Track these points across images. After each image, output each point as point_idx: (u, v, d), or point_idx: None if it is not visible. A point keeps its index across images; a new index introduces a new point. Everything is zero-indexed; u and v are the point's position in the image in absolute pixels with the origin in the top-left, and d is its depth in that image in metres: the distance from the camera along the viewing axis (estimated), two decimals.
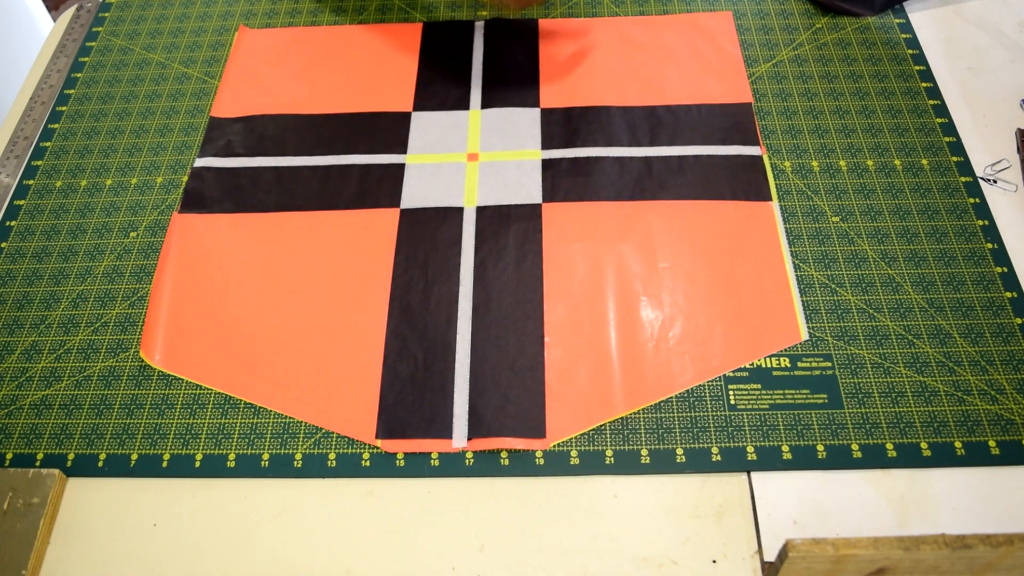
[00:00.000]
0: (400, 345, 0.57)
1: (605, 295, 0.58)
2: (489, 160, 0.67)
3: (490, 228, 0.62)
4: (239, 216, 0.64)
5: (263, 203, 0.65)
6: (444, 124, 0.69)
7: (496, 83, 0.72)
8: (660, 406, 0.54)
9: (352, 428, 0.54)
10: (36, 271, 0.63)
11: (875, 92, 0.70)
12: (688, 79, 0.71)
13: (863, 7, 0.75)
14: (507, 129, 0.69)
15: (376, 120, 0.70)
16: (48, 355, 0.59)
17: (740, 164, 0.65)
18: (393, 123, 0.70)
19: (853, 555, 0.40)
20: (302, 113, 0.71)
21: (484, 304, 0.58)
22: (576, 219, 0.62)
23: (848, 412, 0.54)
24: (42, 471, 0.53)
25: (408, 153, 0.67)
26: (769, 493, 0.51)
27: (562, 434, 0.53)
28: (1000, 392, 0.54)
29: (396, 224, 0.63)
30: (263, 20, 0.80)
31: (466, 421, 0.54)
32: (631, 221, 0.62)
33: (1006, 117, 0.68)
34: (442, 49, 0.75)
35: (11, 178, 0.70)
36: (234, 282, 0.61)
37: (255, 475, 0.53)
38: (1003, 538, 0.40)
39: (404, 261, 0.61)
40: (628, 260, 0.60)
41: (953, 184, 0.64)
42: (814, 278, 0.60)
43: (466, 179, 0.66)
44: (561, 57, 0.74)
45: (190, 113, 0.73)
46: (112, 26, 0.81)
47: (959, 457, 0.52)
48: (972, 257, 0.60)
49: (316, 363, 0.57)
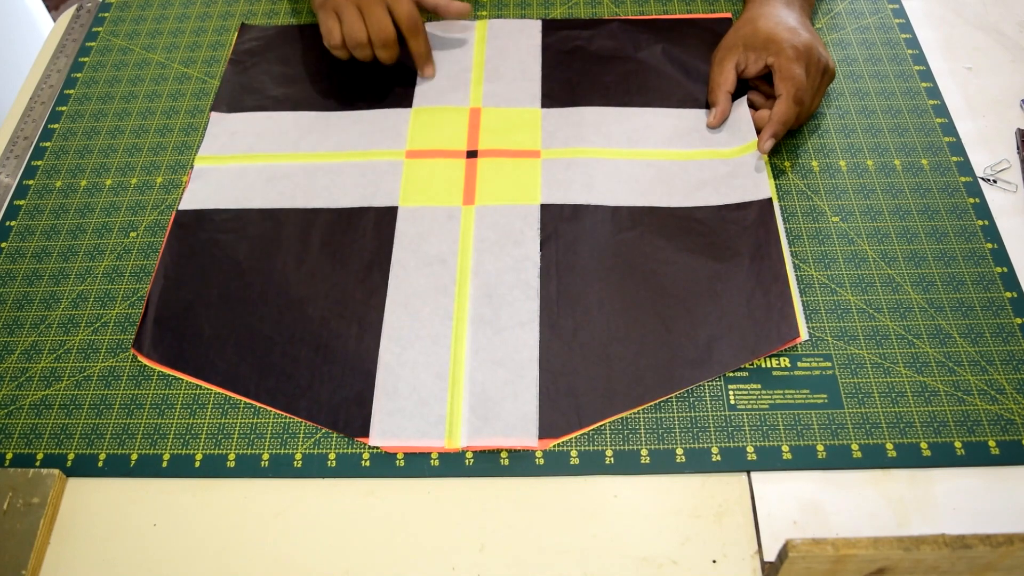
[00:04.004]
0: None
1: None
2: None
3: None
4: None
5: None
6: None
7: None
8: (660, 406, 0.54)
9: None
10: (36, 271, 0.63)
11: (875, 92, 0.70)
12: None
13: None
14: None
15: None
16: (48, 355, 0.59)
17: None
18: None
19: (853, 555, 0.40)
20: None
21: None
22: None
23: (848, 412, 0.54)
24: (42, 471, 0.53)
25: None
26: (769, 493, 0.51)
27: (562, 434, 0.53)
28: (1000, 392, 0.54)
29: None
30: (263, 20, 0.80)
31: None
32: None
33: (1006, 117, 0.68)
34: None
35: (11, 178, 0.70)
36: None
37: (255, 475, 0.53)
38: (1003, 538, 0.40)
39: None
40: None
41: (953, 184, 0.64)
42: (814, 278, 0.60)
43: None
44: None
45: (190, 113, 0.73)
46: (112, 26, 0.81)
47: (959, 457, 0.52)
48: (972, 257, 0.60)
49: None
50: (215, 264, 0.62)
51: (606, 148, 0.67)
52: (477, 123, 0.69)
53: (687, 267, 0.60)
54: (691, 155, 0.66)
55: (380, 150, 0.68)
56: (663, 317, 0.57)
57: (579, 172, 0.65)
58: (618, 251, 0.61)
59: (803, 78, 0.62)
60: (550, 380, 0.55)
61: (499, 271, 0.60)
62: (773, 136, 0.62)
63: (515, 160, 0.66)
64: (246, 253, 0.62)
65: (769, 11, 0.67)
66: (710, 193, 0.63)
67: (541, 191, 0.64)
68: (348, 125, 0.70)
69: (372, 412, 0.54)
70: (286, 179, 0.66)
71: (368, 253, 0.62)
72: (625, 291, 0.59)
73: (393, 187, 0.65)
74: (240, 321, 0.59)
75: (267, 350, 0.57)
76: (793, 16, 0.67)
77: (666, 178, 0.65)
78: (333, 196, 0.65)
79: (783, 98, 0.62)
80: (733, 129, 0.66)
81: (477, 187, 0.65)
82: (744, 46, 0.65)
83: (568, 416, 0.54)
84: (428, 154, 0.67)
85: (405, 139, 0.68)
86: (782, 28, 0.65)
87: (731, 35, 0.68)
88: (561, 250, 0.61)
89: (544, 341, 0.57)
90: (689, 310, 0.58)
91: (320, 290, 0.60)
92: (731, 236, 0.61)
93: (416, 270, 0.60)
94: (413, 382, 0.55)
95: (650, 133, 0.67)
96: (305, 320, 0.59)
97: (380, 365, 0.56)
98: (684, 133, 0.67)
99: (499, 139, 0.68)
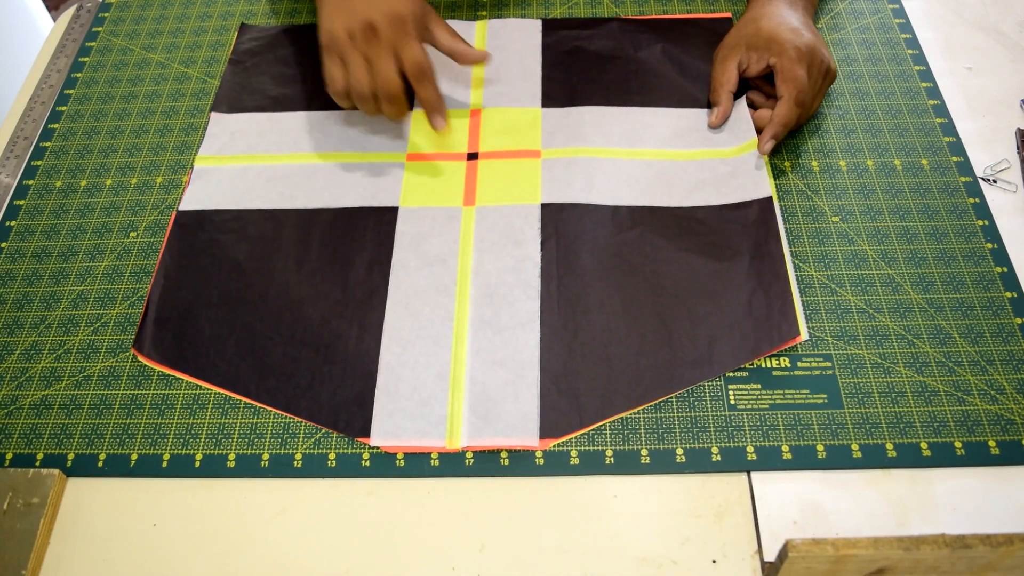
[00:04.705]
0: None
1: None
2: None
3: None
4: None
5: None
6: None
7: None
8: (660, 406, 0.54)
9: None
10: (36, 271, 0.63)
11: (875, 92, 0.70)
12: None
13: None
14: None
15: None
16: (48, 355, 0.59)
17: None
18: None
19: (853, 555, 0.40)
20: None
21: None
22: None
23: (848, 412, 0.54)
24: (42, 471, 0.53)
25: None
26: (769, 493, 0.51)
27: (563, 434, 0.53)
28: (1000, 392, 0.54)
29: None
30: (263, 20, 0.80)
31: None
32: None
33: (1006, 117, 0.68)
34: None
35: (11, 178, 0.70)
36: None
37: (255, 475, 0.53)
38: (1003, 538, 0.40)
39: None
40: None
41: (953, 184, 0.64)
42: (814, 278, 0.60)
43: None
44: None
45: (190, 113, 0.73)
46: (112, 26, 0.81)
47: (959, 457, 0.52)
48: (972, 257, 0.60)
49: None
50: (215, 264, 0.62)
51: (606, 148, 0.67)
52: (477, 124, 0.69)
53: (687, 267, 0.60)
54: (691, 155, 0.66)
55: (381, 152, 0.68)
56: (663, 317, 0.57)
57: (579, 172, 0.65)
58: (618, 251, 0.61)
59: (805, 80, 0.62)
60: (551, 380, 0.55)
61: (499, 271, 0.60)
62: (773, 137, 0.62)
63: (515, 160, 0.66)
64: (246, 253, 0.62)
65: (772, 11, 0.67)
66: (710, 193, 0.63)
67: (541, 191, 0.64)
68: (348, 126, 0.70)
69: (373, 413, 0.54)
70: (286, 179, 0.66)
71: (368, 253, 0.62)
72: (625, 291, 0.59)
73: (394, 188, 0.65)
74: (240, 321, 0.59)
75: (267, 351, 0.57)
76: (796, 16, 0.67)
77: (666, 178, 0.65)
78: (333, 196, 0.65)
79: (784, 100, 0.62)
80: (733, 129, 0.66)
81: (478, 188, 0.65)
82: (747, 46, 0.65)
83: (569, 416, 0.54)
84: (429, 157, 0.67)
85: (406, 142, 0.68)
86: (785, 28, 0.65)
87: (733, 34, 0.68)
88: (561, 250, 0.61)
89: (545, 341, 0.57)
90: (689, 310, 0.58)
91: (320, 290, 0.60)
92: (731, 236, 0.61)
93: (417, 270, 0.60)
94: (414, 382, 0.55)
95: (650, 133, 0.67)
96: (305, 320, 0.59)
97: (381, 365, 0.56)
98: (684, 133, 0.67)
99: (499, 139, 0.68)
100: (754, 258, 0.59)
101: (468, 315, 0.58)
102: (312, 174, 0.67)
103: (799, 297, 0.58)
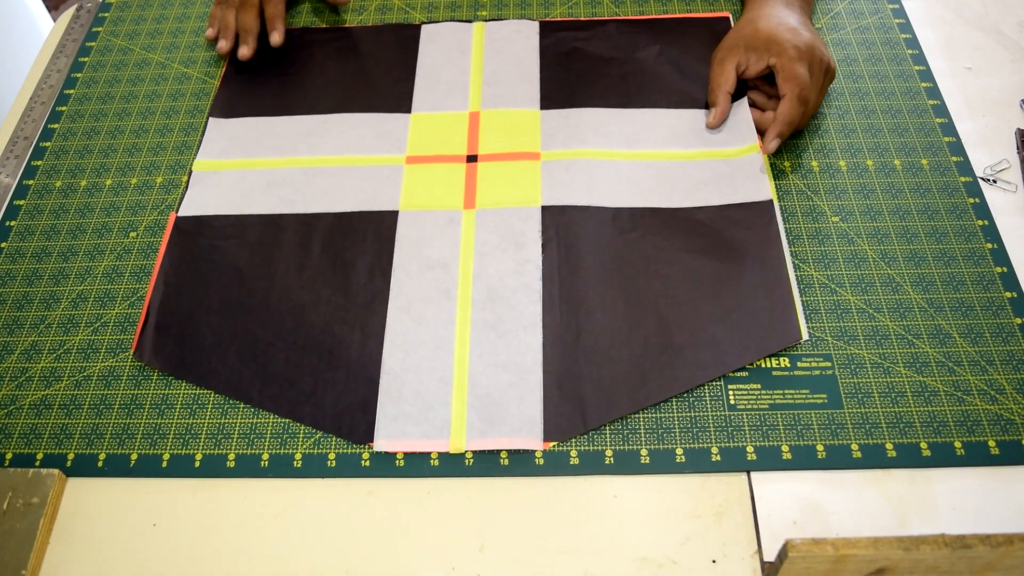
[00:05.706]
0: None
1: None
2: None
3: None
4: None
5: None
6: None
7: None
8: (660, 406, 0.54)
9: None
10: (36, 271, 0.63)
11: (875, 92, 0.70)
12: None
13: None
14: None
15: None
16: (48, 355, 0.59)
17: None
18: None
19: (853, 555, 0.40)
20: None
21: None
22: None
23: (848, 412, 0.54)
24: (42, 471, 0.53)
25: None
26: (769, 493, 0.51)
27: (567, 437, 0.53)
28: (1000, 392, 0.54)
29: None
30: None
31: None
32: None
33: (1006, 117, 0.68)
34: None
35: (11, 178, 0.70)
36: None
37: (255, 475, 0.53)
38: (1003, 538, 0.40)
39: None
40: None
41: (953, 184, 0.64)
42: (814, 278, 0.60)
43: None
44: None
45: (190, 113, 0.73)
46: (112, 26, 0.81)
47: (959, 457, 0.52)
48: (972, 257, 0.60)
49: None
50: (215, 270, 0.62)
51: (606, 149, 0.67)
52: (476, 127, 0.69)
53: (688, 268, 0.60)
54: (691, 155, 0.66)
55: (380, 155, 0.68)
56: (665, 318, 0.57)
57: (579, 174, 0.65)
58: (619, 252, 0.61)
59: (806, 78, 0.62)
60: (554, 383, 0.55)
61: (501, 274, 0.60)
62: (778, 136, 0.62)
63: (515, 163, 0.66)
64: (246, 259, 0.62)
65: (769, 11, 0.67)
66: (711, 193, 0.63)
67: (542, 193, 0.64)
68: (347, 129, 0.70)
69: (376, 418, 0.54)
70: (285, 184, 0.66)
71: (370, 258, 0.62)
72: (627, 292, 0.59)
73: (393, 191, 0.65)
74: (242, 327, 0.59)
75: (270, 357, 0.57)
76: (793, 16, 0.67)
77: (666, 178, 0.65)
78: (333, 200, 0.65)
79: (787, 98, 0.62)
80: (733, 129, 0.66)
81: (478, 191, 0.65)
82: (745, 47, 0.65)
83: (572, 419, 0.54)
84: (428, 160, 0.67)
85: (405, 145, 0.68)
86: (783, 28, 0.65)
87: (732, 36, 0.68)
88: (562, 252, 0.61)
89: (547, 344, 0.57)
90: (690, 311, 0.57)
91: (322, 295, 0.60)
92: (732, 236, 0.61)
93: (418, 274, 0.60)
94: (417, 387, 0.55)
95: (650, 133, 0.67)
96: (307, 326, 0.58)
97: (384, 370, 0.56)
98: (684, 133, 0.67)
99: (499, 141, 0.68)
100: (754, 259, 0.59)
101: (470, 319, 0.58)
102: (311, 178, 0.66)
103: (799, 297, 0.58)
